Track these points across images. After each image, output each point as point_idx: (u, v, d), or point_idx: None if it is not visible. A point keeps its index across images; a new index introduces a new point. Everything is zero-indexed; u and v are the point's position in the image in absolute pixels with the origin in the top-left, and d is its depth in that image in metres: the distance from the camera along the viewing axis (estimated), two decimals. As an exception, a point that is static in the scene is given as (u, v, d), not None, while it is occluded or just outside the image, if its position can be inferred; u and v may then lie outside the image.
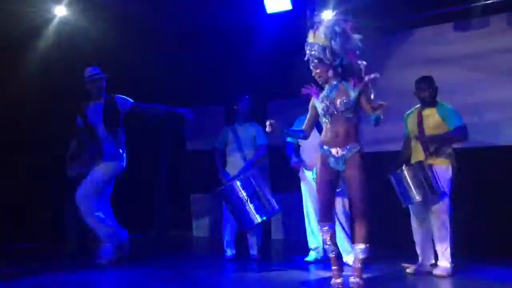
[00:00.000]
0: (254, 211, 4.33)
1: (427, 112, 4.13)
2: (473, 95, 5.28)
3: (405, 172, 3.97)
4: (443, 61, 5.56)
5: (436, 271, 3.96)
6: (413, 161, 4.13)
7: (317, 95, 3.62)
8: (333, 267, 3.53)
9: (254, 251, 4.88)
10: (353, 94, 3.45)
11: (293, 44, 6.41)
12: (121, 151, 4.64)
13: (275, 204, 4.45)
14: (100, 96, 4.67)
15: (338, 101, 3.45)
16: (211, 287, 3.61)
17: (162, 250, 6.04)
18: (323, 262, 4.61)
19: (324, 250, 4.70)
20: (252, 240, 4.90)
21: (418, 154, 4.12)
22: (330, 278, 3.53)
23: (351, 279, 3.41)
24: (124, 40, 6.04)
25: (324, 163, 3.51)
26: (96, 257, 4.45)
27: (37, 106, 5.77)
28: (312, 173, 4.50)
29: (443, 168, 4.00)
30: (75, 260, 4.80)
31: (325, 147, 3.51)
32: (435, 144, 4.04)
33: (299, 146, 4.81)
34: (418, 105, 4.27)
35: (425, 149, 4.05)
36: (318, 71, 3.58)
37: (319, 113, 3.59)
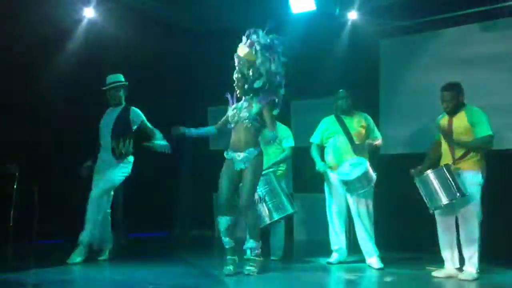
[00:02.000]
0: (266, 211, 4.34)
1: (457, 116, 4.06)
2: (501, 96, 5.19)
3: (430, 175, 3.91)
4: (469, 62, 5.49)
5: (461, 276, 3.90)
6: (441, 164, 4.07)
7: (232, 104, 4.19)
8: (228, 256, 3.97)
9: (274, 253, 4.87)
10: (255, 108, 3.99)
11: (317, 44, 6.43)
12: (126, 160, 4.74)
13: (290, 205, 4.44)
14: (119, 103, 4.86)
15: (242, 113, 4.02)
16: (231, 286, 3.62)
17: (184, 249, 6.09)
18: (346, 263, 4.59)
19: (347, 251, 4.71)
20: (273, 241, 4.90)
21: (446, 158, 4.06)
22: (353, 280, 3.52)
23: (247, 267, 3.88)
24: (150, 40, 6.12)
25: (228, 163, 4.06)
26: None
27: (65, 106, 5.88)
28: (337, 173, 4.49)
29: (471, 174, 3.93)
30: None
31: (229, 150, 4.07)
32: (461, 150, 3.97)
33: (323, 147, 4.79)
34: None
35: (453, 154, 4.00)
36: (239, 84, 4.06)
37: (229, 119, 4.12)
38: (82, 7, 5.98)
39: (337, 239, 4.68)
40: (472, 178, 3.92)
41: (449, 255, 4.03)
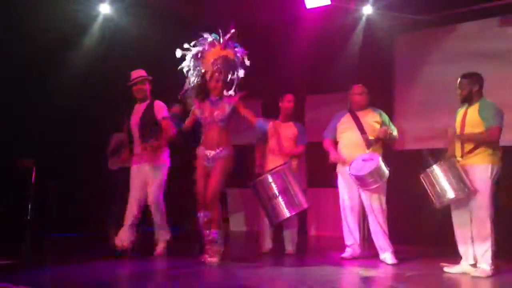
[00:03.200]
0: (283, 206, 4.36)
1: (470, 109, 4.00)
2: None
3: (435, 170, 3.85)
4: (487, 56, 5.41)
5: (474, 273, 3.84)
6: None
7: (198, 105, 4.36)
8: (207, 247, 4.20)
9: (289, 246, 4.90)
10: (227, 109, 4.22)
11: (332, 39, 6.40)
12: (161, 154, 4.74)
13: (304, 200, 4.45)
14: (144, 98, 4.85)
15: (215, 113, 4.22)
16: (245, 280, 3.64)
17: (198, 243, 6.12)
18: (359, 258, 4.58)
19: (361, 247, 4.69)
20: (287, 235, 4.91)
21: (457, 152, 4.01)
22: (366, 275, 3.51)
23: (207, 258, 4.10)
24: (165, 36, 6.14)
25: (200, 162, 4.26)
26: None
27: (81, 101, 5.95)
28: (349, 169, 4.47)
29: (479, 168, 3.85)
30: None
31: (201, 148, 4.27)
32: (468, 143, 3.91)
33: (337, 142, 4.78)
34: None
35: (462, 148, 3.94)
36: (219, 84, 4.27)
37: (200, 119, 4.31)
38: (98, 3, 6.05)
39: (351, 234, 4.66)
40: (481, 173, 3.83)
41: (464, 251, 3.99)
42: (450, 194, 3.79)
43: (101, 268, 4.09)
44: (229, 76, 4.30)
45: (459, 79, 4.03)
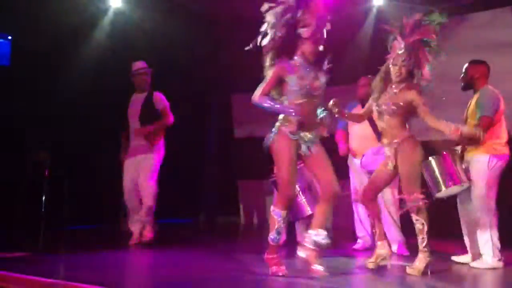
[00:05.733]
0: (305, 203, 4.35)
1: (473, 99, 3.97)
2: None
3: (433, 161, 3.72)
4: (500, 46, 5.35)
5: (473, 264, 3.81)
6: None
7: (291, 68, 3.35)
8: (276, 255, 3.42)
9: (301, 238, 4.90)
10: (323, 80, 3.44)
11: (342, 30, 6.35)
12: (159, 144, 4.84)
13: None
14: (144, 89, 4.96)
15: (315, 83, 3.38)
16: (256, 269, 3.66)
17: (210, 235, 6.18)
18: (371, 250, 4.59)
19: (373, 239, 4.70)
20: (301, 227, 4.92)
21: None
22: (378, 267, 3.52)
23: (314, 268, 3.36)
24: (177, 30, 6.17)
25: (293, 149, 3.33)
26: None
27: (93, 95, 5.99)
28: (360, 163, 4.46)
29: (476, 159, 3.78)
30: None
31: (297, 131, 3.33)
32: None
33: (347, 133, 4.77)
34: None
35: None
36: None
37: (294, 90, 3.34)
38: (108, -3, 6.06)
39: (362, 226, 4.68)
40: (477, 164, 3.78)
41: (467, 242, 3.98)
42: (444, 184, 3.67)
43: (117, 257, 4.14)
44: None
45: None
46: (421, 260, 3.53)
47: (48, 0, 5.52)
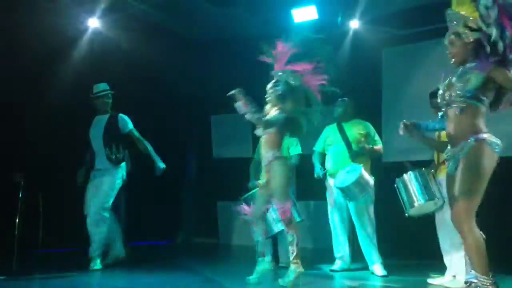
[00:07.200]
0: (275, 220, 4.36)
1: None
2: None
3: (405, 178, 3.84)
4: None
5: (447, 284, 3.82)
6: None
7: None
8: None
9: (283, 260, 4.88)
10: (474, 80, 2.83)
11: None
12: (118, 166, 4.84)
13: (297, 213, 4.45)
14: (105, 111, 5.00)
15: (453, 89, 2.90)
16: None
17: (188, 257, 6.10)
18: (349, 271, 4.59)
19: (351, 259, 4.71)
20: (281, 248, 4.90)
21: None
22: (356, 287, 3.53)
23: None
24: (154, 50, 6.18)
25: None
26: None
27: (70, 115, 5.92)
28: (334, 182, 4.50)
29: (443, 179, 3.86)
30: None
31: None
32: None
33: (325, 154, 4.82)
34: None
35: (438, 159, 4.01)
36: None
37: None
38: (86, 18, 6.05)
39: (340, 247, 4.69)
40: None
41: (447, 262, 4.00)
42: (417, 202, 3.75)
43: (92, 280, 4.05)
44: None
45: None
46: (291, 272, 3.64)
47: (27, 21, 5.48)
